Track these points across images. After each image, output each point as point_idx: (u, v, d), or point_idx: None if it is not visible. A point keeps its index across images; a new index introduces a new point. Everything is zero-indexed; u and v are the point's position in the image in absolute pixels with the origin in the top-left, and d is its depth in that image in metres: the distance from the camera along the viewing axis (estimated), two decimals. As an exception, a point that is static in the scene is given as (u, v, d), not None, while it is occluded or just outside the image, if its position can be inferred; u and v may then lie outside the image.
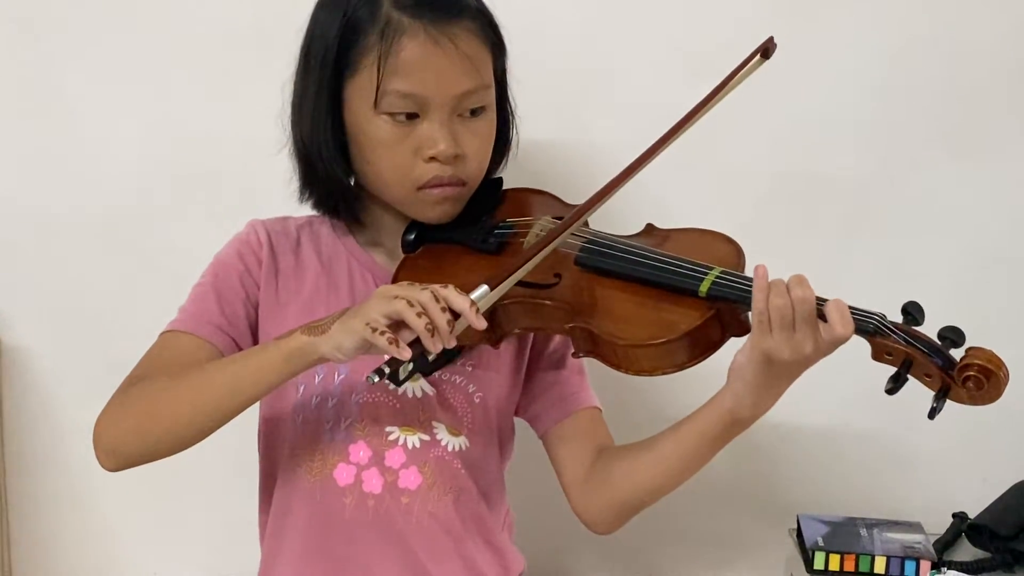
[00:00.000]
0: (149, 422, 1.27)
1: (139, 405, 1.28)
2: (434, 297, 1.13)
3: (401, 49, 1.27)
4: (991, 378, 1.11)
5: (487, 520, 1.41)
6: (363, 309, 1.16)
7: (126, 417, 1.28)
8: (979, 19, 1.74)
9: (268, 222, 1.42)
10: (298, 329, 1.21)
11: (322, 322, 1.20)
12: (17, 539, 1.92)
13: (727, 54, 1.73)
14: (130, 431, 1.27)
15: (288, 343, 1.21)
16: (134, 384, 1.30)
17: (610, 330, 1.22)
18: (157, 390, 1.27)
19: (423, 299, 1.13)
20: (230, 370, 1.24)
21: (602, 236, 1.33)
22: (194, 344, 1.33)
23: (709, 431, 1.25)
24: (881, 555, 1.65)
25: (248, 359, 1.24)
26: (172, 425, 1.26)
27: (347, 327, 1.16)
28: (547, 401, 1.43)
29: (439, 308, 1.13)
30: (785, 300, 1.14)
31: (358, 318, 1.15)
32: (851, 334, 1.13)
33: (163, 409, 1.26)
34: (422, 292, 1.14)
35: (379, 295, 1.16)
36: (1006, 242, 1.81)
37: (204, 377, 1.26)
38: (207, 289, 1.37)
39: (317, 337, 1.19)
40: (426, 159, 1.31)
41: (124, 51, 1.78)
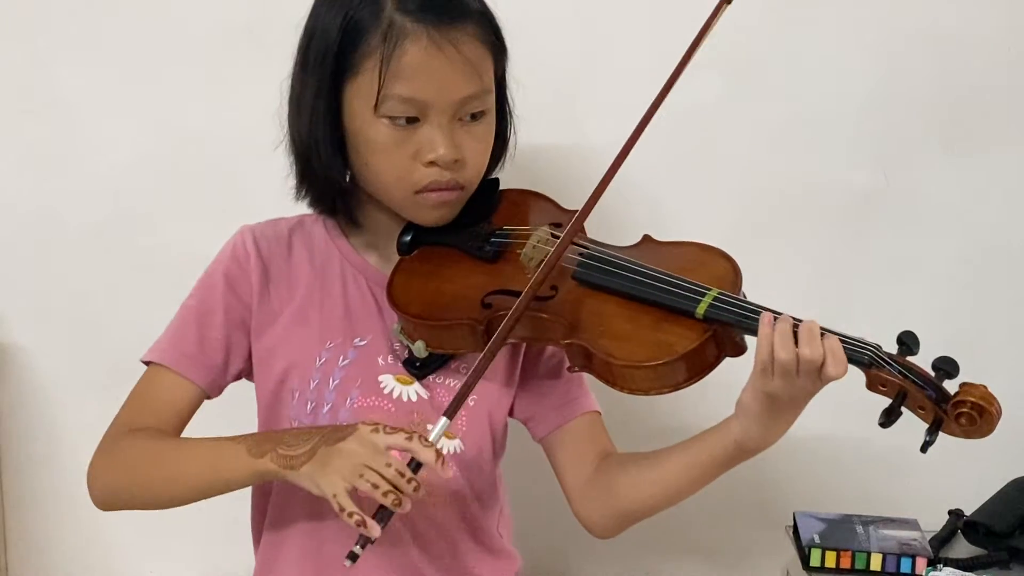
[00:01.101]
0: (136, 488, 1.33)
1: (128, 469, 1.33)
2: (399, 474, 1.16)
3: (403, 53, 1.26)
4: (984, 414, 1.12)
5: (482, 521, 1.42)
6: (332, 467, 1.19)
7: (115, 473, 1.34)
8: (975, 17, 1.75)
9: (259, 229, 1.42)
10: (269, 449, 1.23)
11: (295, 452, 1.22)
12: (14, 538, 1.92)
13: (725, 55, 1.74)
14: (118, 488, 1.34)
15: (258, 465, 1.24)
16: (124, 438, 1.34)
17: (606, 348, 1.22)
18: (143, 459, 1.32)
19: (390, 476, 1.17)
20: (205, 466, 1.28)
21: (599, 249, 1.32)
22: (176, 386, 1.36)
23: (717, 457, 1.26)
24: (877, 552, 1.65)
25: (220, 463, 1.27)
26: (158, 497, 1.33)
27: (316, 482, 1.20)
28: (546, 407, 1.43)
29: (405, 480, 1.17)
30: (790, 356, 1.14)
31: (327, 480, 1.19)
32: (844, 373, 1.14)
33: (149, 482, 1.32)
34: (387, 468, 1.17)
35: (348, 459, 1.18)
36: (1003, 240, 1.82)
37: (181, 465, 1.30)
38: (189, 316, 1.38)
39: (286, 470, 1.22)
40: (425, 163, 1.30)
41: (122, 51, 1.79)
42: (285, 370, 1.36)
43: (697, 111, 1.75)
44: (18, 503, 1.91)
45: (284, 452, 1.22)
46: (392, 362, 1.37)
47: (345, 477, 1.18)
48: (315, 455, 1.20)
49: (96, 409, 1.85)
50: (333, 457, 1.19)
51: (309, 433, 1.24)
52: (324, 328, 1.37)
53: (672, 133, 1.76)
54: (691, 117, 1.75)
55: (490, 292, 1.31)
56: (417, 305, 1.33)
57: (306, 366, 1.35)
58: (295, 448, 1.22)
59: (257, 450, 1.24)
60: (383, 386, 1.36)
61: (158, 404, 1.36)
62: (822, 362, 1.14)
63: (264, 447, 1.24)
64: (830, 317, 1.27)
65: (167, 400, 1.36)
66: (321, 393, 1.35)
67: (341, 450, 1.19)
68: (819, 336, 1.14)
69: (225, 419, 1.40)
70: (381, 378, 1.36)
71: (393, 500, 1.16)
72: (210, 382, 1.38)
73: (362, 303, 1.39)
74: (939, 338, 1.40)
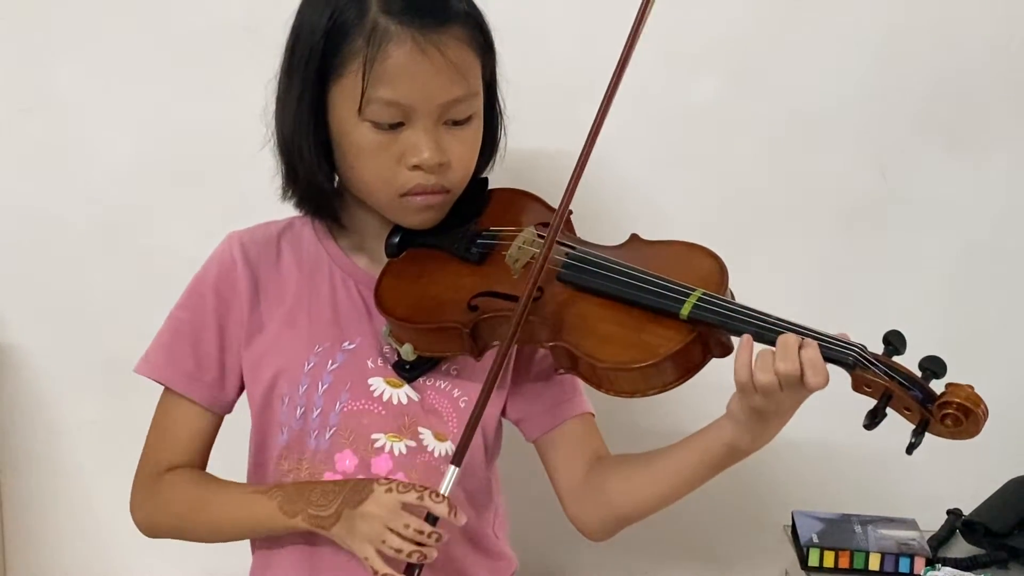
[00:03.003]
0: (177, 529, 1.42)
1: (167, 511, 1.41)
2: (418, 531, 1.22)
3: (387, 56, 1.25)
4: (970, 416, 1.11)
5: (475, 523, 1.41)
6: (359, 532, 1.26)
7: (156, 514, 1.42)
8: (975, 17, 1.74)
9: (246, 235, 1.42)
10: (300, 509, 1.30)
11: (324, 514, 1.29)
12: (12, 538, 1.92)
13: (720, 55, 1.73)
14: (161, 525, 1.43)
15: (294, 522, 1.31)
16: (160, 479, 1.40)
17: (590, 351, 1.22)
18: (180, 505, 1.39)
19: (410, 536, 1.23)
20: (242, 521, 1.35)
21: (585, 249, 1.32)
22: (192, 415, 1.40)
23: (709, 458, 1.27)
24: (876, 552, 1.64)
25: (255, 519, 1.34)
26: (198, 536, 1.42)
27: (348, 544, 1.27)
28: (538, 409, 1.43)
29: (426, 536, 1.23)
30: (770, 378, 1.14)
31: (357, 544, 1.26)
32: (825, 384, 1.14)
33: (188, 524, 1.40)
34: (406, 529, 1.23)
35: (371, 524, 1.25)
36: (1001, 237, 1.81)
37: (219, 515, 1.37)
38: (183, 328, 1.40)
39: (320, 529, 1.29)
40: (410, 167, 1.30)
41: (121, 51, 1.80)
42: (274, 375, 1.36)
43: (695, 111, 1.75)
44: (17, 503, 1.92)
45: (314, 513, 1.29)
46: (382, 365, 1.37)
47: (371, 541, 1.24)
48: (341, 518, 1.27)
49: (94, 408, 1.87)
50: (357, 522, 1.26)
51: (334, 492, 1.29)
52: (313, 332, 1.37)
53: (670, 133, 1.76)
54: (689, 117, 1.75)
55: (476, 294, 1.31)
56: (404, 308, 1.33)
57: (295, 371, 1.35)
58: (323, 509, 1.29)
59: (290, 509, 1.31)
60: (373, 389, 1.36)
61: (177, 436, 1.41)
62: (801, 374, 1.12)
63: (296, 507, 1.31)
64: (827, 317, 1.27)
65: (185, 430, 1.41)
66: (311, 397, 1.35)
67: (364, 515, 1.25)
68: (795, 349, 1.13)
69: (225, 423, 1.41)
70: (371, 381, 1.36)
71: (418, 557, 1.22)
72: (211, 399, 1.40)
73: (351, 306, 1.39)
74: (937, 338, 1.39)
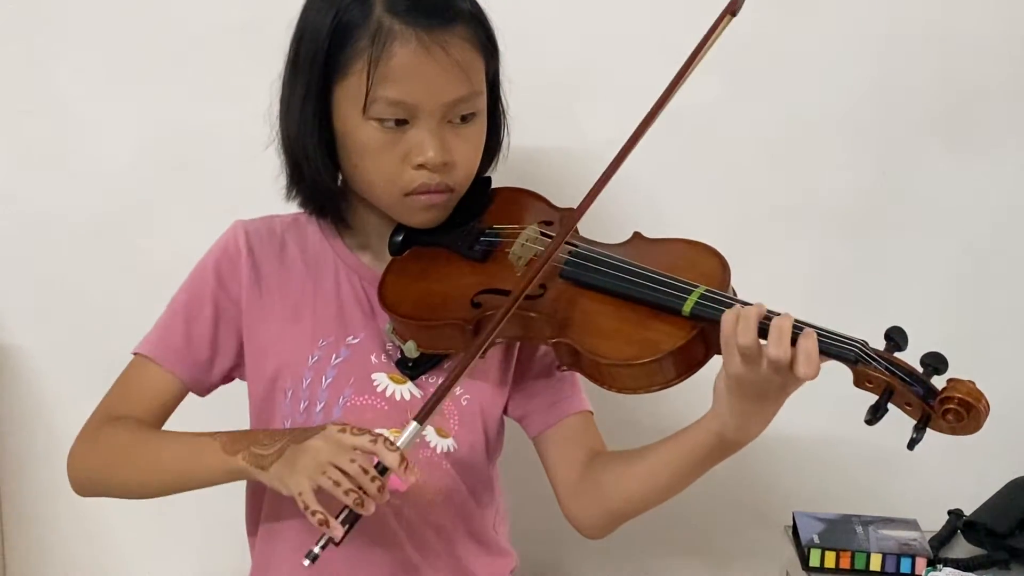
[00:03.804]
0: (113, 476, 1.37)
1: (106, 456, 1.36)
2: (362, 471, 1.16)
3: (392, 56, 1.26)
4: (971, 411, 1.11)
5: (477, 519, 1.43)
6: (299, 466, 1.19)
7: (93, 459, 1.37)
8: (975, 17, 1.75)
9: (251, 224, 1.43)
10: (243, 448, 1.25)
11: (266, 452, 1.24)
12: (12, 538, 1.93)
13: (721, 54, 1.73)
14: (97, 475, 1.38)
15: (231, 462, 1.26)
16: (105, 424, 1.37)
17: (592, 347, 1.23)
18: (121, 448, 1.35)
19: (353, 472, 1.16)
20: (180, 460, 1.31)
21: (588, 247, 1.33)
22: (159, 378, 1.39)
23: (698, 450, 1.26)
24: (877, 552, 1.65)
25: (195, 456, 1.29)
26: (134, 487, 1.37)
27: (284, 481, 1.21)
28: (538, 406, 1.43)
29: (369, 479, 1.16)
30: (749, 341, 1.13)
31: (294, 479, 1.19)
32: (815, 375, 1.12)
33: (125, 470, 1.35)
34: (351, 464, 1.16)
35: (313, 456, 1.18)
36: (1002, 238, 1.82)
37: (158, 456, 1.32)
38: (178, 310, 1.40)
39: (257, 469, 1.24)
40: (414, 166, 1.31)
41: (120, 51, 1.80)
42: (277, 369, 1.37)
43: (696, 111, 1.75)
44: (17, 503, 1.92)
45: (256, 451, 1.24)
46: (385, 361, 1.38)
47: (309, 475, 1.18)
48: (283, 454, 1.22)
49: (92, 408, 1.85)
50: (299, 455, 1.20)
51: (281, 433, 1.26)
52: (317, 326, 1.38)
53: (670, 133, 1.75)
54: (690, 117, 1.75)
55: (479, 292, 1.32)
56: (407, 305, 1.34)
57: (299, 364, 1.36)
58: (267, 448, 1.24)
59: (232, 447, 1.26)
60: (376, 384, 1.36)
61: (140, 395, 1.39)
62: (791, 362, 1.12)
63: (238, 445, 1.26)
64: (828, 317, 1.26)
65: (149, 391, 1.39)
66: (314, 391, 1.35)
67: (306, 448, 1.20)
68: (788, 336, 1.12)
69: (222, 418, 1.41)
70: (374, 376, 1.37)
71: (355, 499, 1.15)
72: (193, 378, 1.39)
73: (355, 301, 1.40)
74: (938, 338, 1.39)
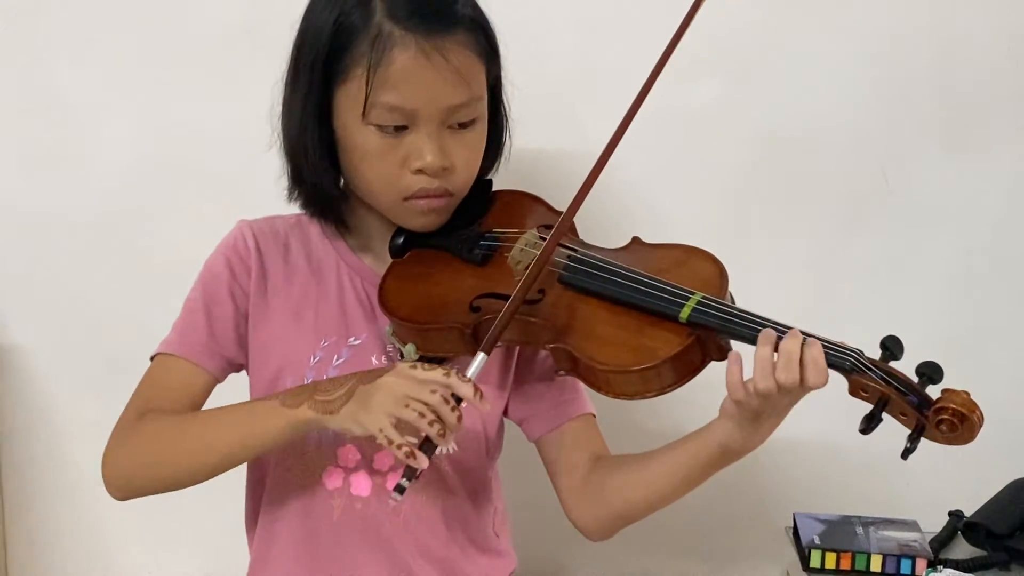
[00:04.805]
0: (162, 463, 1.32)
1: (151, 446, 1.32)
2: (444, 400, 1.17)
3: (391, 61, 1.27)
4: (965, 421, 1.12)
5: (475, 521, 1.43)
6: (375, 403, 1.19)
7: (136, 454, 1.33)
8: (975, 17, 1.75)
9: (256, 224, 1.43)
10: (305, 399, 1.24)
11: (331, 397, 1.23)
12: (13, 537, 1.93)
13: (722, 56, 1.74)
14: (143, 468, 1.33)
15: (296, 415, 1.24)
16: (142, 418, 1.34)
17: (590, 353, 1.23)
18: (167, 433, 1.32)
19: (434, 403, 1.17)
20: (238, 428, 1.28)
21: (586, 252, 1.33)
22: (188, 371, 1.37)
23: (702, 459, 1.27)
24: (877, 553, 1.65)
25: (255, 420, 1.27)
26: (185, 470, 1.31)
27: (359, 420, 1.20)
28: (540, 409, 1.44)
29: (449, 409, 1.17)
30: (770, 384, 1.14)
31: (371, 416, 1.19)
32: (824, 383, 1.14)
33: (175, 454, 1.31)
34: (432, 395, 1.17)
35: (389, 392, 1.19)
36: (1003, 240, 1.82)
37: (213, 429, 1.30)
38: (197, 305, 1.39)
39: (325, 416, 1.23)
40: (413, 170, 1.31)
41: (121, 51, 1.80)
42: (279, 367, 1.38)
43: (695, 112, 1.75)
44: (18, 503, 1.93)
45: (321, 398, 1.23)
46: (386, 362, 1.38)
47: (388, 411, 1.18)
48: (353, 396, 1.22)
49: (96, 409, 1.87)
50: (373, 393, 1.20)
51: (344, 378, 1.25)
52: (319, 326, 1.39)
53: (670, 134, 1.77)
54: (689, 118, 1.76)
55: (478, 295, 1.32)
56: (407, 308, 1.35)
57: (300, 364, 1.37)
58: (331, 393, 1.23)
59: (293, 401, 1.25)
60: None
61: (170, 390, 1.36)
62: (801, 377, 1.13)
63: (300, 398, 1.25)
64: (828, 318, 1.28)
65: (179, 385, 1.37)
66: None
67: (381, 385, 1.20)
68: (797, 358, 1.13)
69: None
70: None
71: (438, 430, 1.16)
72: (220, 369, 1.39)
73: (357, 303, 1.41)
74: (938, 339, 1.40)
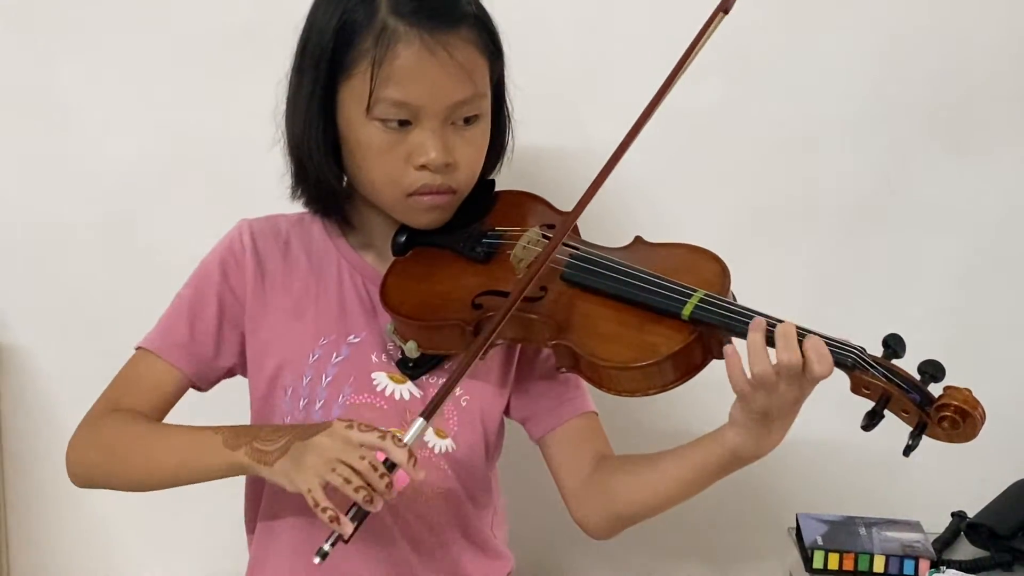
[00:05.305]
0: (114, 469, 1.36)
1: (107, 450, 1.36)
2: (372, 467, 1.16)
3: (395, 57, 1.27)
4: (967, 419, 1.12)
5: (474, 520, 1.43)
6: (305, 463, 1.19)
7: (93, 451, 1.37)
8: (976, 15, 1.75)
9: (256, 223, 1.44)
10: (244, 443, 1.25)
11: (269, 448, 1.24)
12: (15, 538, 1.93)
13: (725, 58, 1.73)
14: (94, 465, 1.37)
15: (233, 457, 1.26)
16: (108, 415, 1.37)
17: (591, 350, 1.24)
18: (123, 441, 1.35)
19: (362, 469, 1.16)
20: (181, 453, 1.30)
21: (589, 250, 1.34)
22: (162, 371, 1.39)
23: (712, 464, 1.27)
24: (880, 554, 1.66)
25: (196, 451, 1.29)
26: (135, 480, 1.36)
27: (290, 477, 1.21)
28: (542, 408, 1.44)
29: (378, 476, 1.16)
30: (767, 368, 1.14)
31: (301, 475, 1.19)
32: (830, 372, 1.14)
33: (125, 464, 1.35)
34: (360, 461, 1.17)
35: (320, 453, 1.18)
36: (1004, 240, 1.82)
37: (159, 450, 1.32)
38: (183, 305, 1.40)
39: (260, 465, 1.24)
40: (417, 167, 1.32)
41: (122, 52, 1.80)
42: (278, 366, 1.38)
43: (698, 114, 1.76)
44: (19, 503, 1.93)
45: (259, 447, 1.24)
46: (386, 360, 1.39)
47: (318, 472, 1.18)
48: (288, 451, 1.22)
49: (97, 410, 1.85)
50: (306, 452, 1.20)
51: (284, 429, 1.26)
52: (318, 324, 1.39)
53: (672, 136, 1.77)
54: (692, 120, 1.76)
55: (480, 293, 1.33)
56: (408, 306, 1.35)
57: (299, 362, 1.37)
58: (270, 444, 1.24)
59: (233, 442, 1.26)
60: (376, 383, 1.37)
61: (142, 387, 1.39)
62: (804, 364, 1.13)
63: (240, 440, 1.26)
64: (830, 320, 1.27)
65: (151, 384, 1.39)
66: (314, 389, 1.36)
67: (314, 444, 1.20)
68: (795, 339, 1.14)
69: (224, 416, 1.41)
70: (374, 375, 1.38)
71: (364, 496, 1.15)
72: (197, 371, 1.40)
73: (357, 300, 1.41)
74: (940, 338, 1.40)
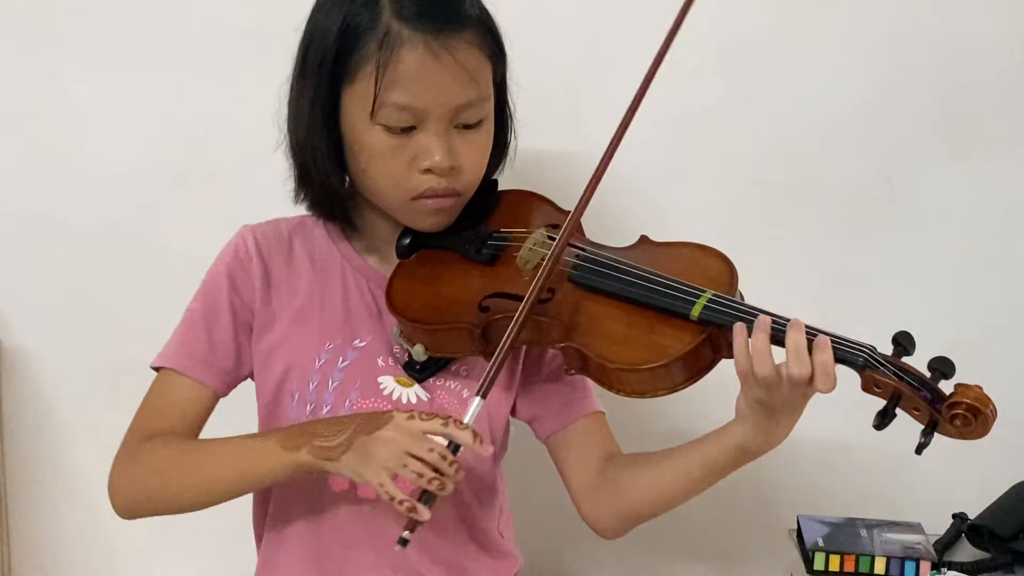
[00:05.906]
0: (163, 497, 1.34)
1: (152, 479, 1.34)
2: (442, 457, 1.19)
3: (400, 61, 1.27)
4: (979, 416, 1.12)
5: (480, 522, 1.44)
6: (374, 458, 1.21)
7: (140, 481, 1.35)
8: (978, 16, 1.76)
9: (259, 228, 1.44)
10: (304, 442, 1.25)
11: (331, 444, 1.24)
12: (17, 539, 1.93)
13: (727, 58, 1.74)
14: (145, 499, 1.35)
15: (296, 458, 1.26)
16: (143, 445, 1.35)
17: (601, 352, 1.24)
18: (167, 468, 1.33)
19: (433, 461, 1.19)
20: (238, 466, 1.30)
21: (596, 251, 1.34)
22: (190, 389, 1.38)
23: (720, 460, 1.28)
24: (881, 556, 1.66)
25: (254, 460, 1.29)
26: (188, 503, 1.33)
27: (359, 472, 1.23)
28: (549, 408, 1.44)
29: (447, 463, 1.19)
30: (769, 371, 1.15)
31: (371, 471, 1.21)
32: (831, 390, 1.14)
33: (176, 490, 1.33)
34: (430, 453, 1.19)
35: (388, 448, 1.20)
36: (1007, 240, 1.83)
37: (211, 467, 1.31)
38: (196, 318, 1.40)
39: (326, 462, 1.25)
40: (421, 170, 1.32)
41: (124, 52, 1.80)
42: (285, 371, 1.38)
43: (699, 114, 1.76)
44: (21, 505, 1.93)
45: (320, 444, 1.25)
46: (392, 364, 1.39)
47: (388, 467, 1.20)
48: (352, 446, 1.23)
49: (99, 411, 1.88)
50: (373, 447, 1.22)
51: (341, 423, 1.26)
52: (324, 329, 1.39)
53: (674, 136, 1.77)
54: (693, 120, 1.76)
55: (487, 295, 1.33)
56: (415, 309, 1.35)
57: (306, 367, 1.37)
58: (330, 439, 1.24)
59: (292, 443, 1.26)
60: (383, 387, 1.38)
61: (173, 409, 1.38)
62: (811, 377, 1.14)
63: (298, 440, 1.26)
64: (833, 320, 1.27)
65: (182, 405, 1.38)
66: (320, 394, 1.37)
67: (380, 439, 1.22)
68: (807, 352, 1.14)
69: (224, 419, 1.43)
70: (381, 379, 1.38)
71: (438, 485, 1.19)
72: (223, 383, 1.40)
73: (362, 304, 1.41)
74: (944, 340, 1.40)
